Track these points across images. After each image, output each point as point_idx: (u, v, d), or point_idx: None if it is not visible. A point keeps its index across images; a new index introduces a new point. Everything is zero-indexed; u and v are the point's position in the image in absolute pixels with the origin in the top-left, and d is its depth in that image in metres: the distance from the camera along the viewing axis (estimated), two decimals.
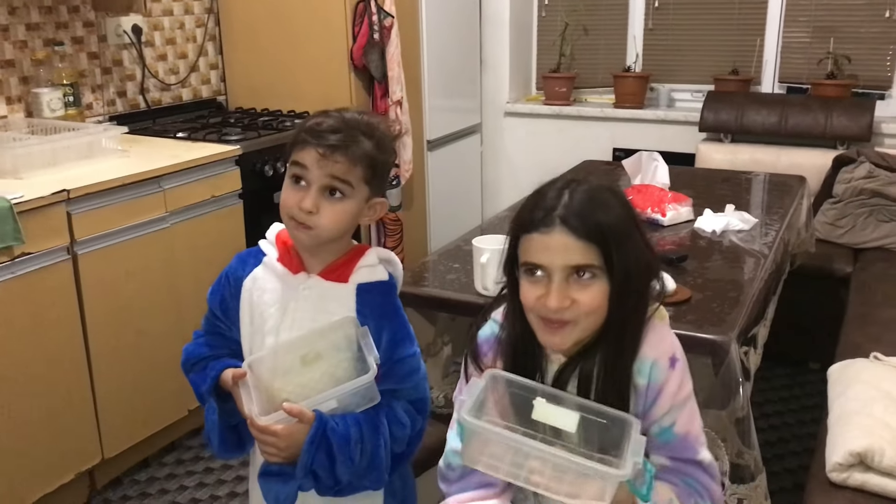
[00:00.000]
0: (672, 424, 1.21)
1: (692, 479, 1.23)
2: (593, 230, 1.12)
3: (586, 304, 1.14)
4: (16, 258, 2.14)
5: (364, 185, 1.33)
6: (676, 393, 1.20)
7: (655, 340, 1.21)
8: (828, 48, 3.68)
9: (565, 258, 1.13)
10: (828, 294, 3.03)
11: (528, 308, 1.18)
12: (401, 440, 1.37)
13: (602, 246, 1.12)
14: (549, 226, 1.13)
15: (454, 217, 4.03)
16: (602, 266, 1.13)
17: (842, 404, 1.89)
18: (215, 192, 2.73)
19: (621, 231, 1.14)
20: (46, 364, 2.26)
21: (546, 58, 4.35)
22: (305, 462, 1.29)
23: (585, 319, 1.15)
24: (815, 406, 2.90)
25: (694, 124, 3.79)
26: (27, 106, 2.84)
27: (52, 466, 2.31)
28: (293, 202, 1.31)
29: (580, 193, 1.16)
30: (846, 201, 3.26)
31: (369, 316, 1.35)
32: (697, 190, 2.70)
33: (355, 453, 1.31)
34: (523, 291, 1.17)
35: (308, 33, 3.33)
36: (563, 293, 1.13)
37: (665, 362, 1.20)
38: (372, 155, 1.32)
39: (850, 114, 3.48)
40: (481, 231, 2.38)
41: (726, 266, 2.11)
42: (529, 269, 1.16)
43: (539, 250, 1.14)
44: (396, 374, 1.36)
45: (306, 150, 1.30)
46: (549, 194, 1.17)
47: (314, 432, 1.28)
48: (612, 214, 1.15)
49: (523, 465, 1.09)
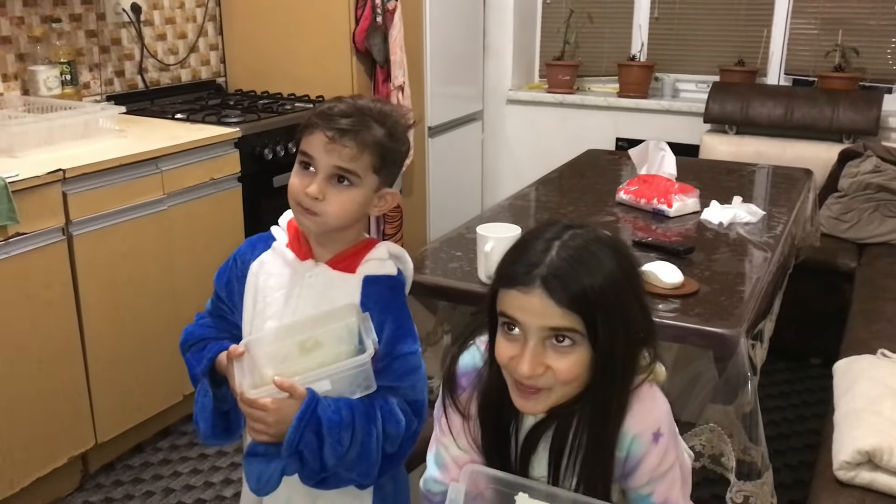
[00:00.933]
0: (650, 494, 1.16)
1: None
2: (576, 296, 1.02)
3: (562, 372, 1.04)
4: (10, 238, 2.10)
5: (372, 173, 1.30)
6: (656, 467, 1.13)
7: (641, 413, 1.12)
8: (835, 40, 3.65)
9: (543, 320, 1.03)
10: (832, 289, 3.00)
11: (502, 365, 1.09)
12: (394, 438, 1.31)
13: (585, 314, 1.02)
14: (528, 285, 1.03)
15: (454, 205, 3.99)
16: (584, 333, 1.03)
17: (848, 401, 1.86)
18: (214, 174, 2.68)
19: (610, 297, 1.03)
20: (40, 346, 2.22)
21: (550, 45, 4.31)
22: (292, 439, 1.24)
23: (561, 388, 1.07)
24: (816, 402, 2.87)
25: (698, 115, 3.75)
26: (23, 83, 2.79)
27: (45, 450, 2.28)
28: (300, 188, 1.29)
29: (569, 250, 1.04)
30: (851, 196, 3.23)
31: (373, 308, 1.32)
32: (703, 181, 2.66)
33: (345, 437, 1.26)
34: (498, 347, 1.08)
35: (310, 15, 3.28)
36: (538, 359, 1.04)
37: (647, 437, 1.12)
38: (382, 142, 1.29)
39: (856, 107, 3.44)
40: (482, 219, 2.34)
41: (734, 259, 2.07)
42: (506, 322, 1.07)
43: (516, 307, 1.05)
44: (395, 371, 1.32)
45: (315, 135, 1.28)
46: (536, 247, 1.06)
47: (304, 408, 1.24)
48: (602, 276, 1.03)
49: None
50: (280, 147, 2.91)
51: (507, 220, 2.31)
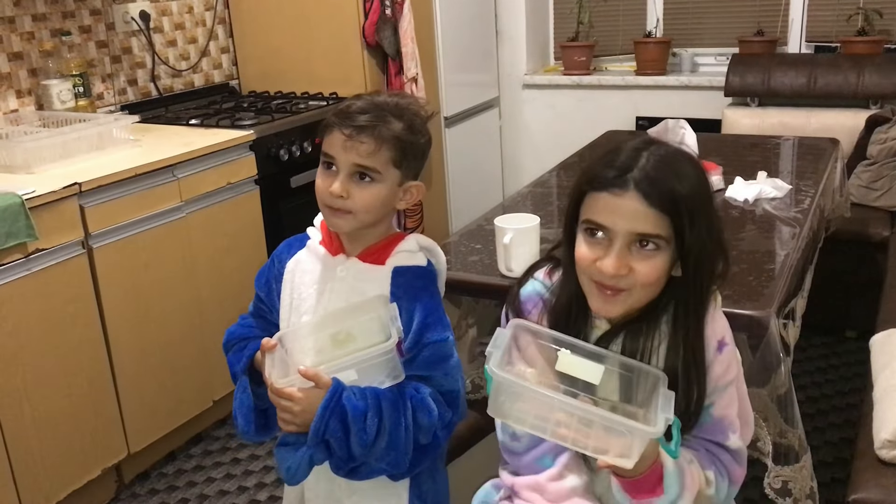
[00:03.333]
0: (711, 405, 1.17)
1: (715, 458, 1.20)
2: (668, 200, 1.06)
3: (644, 275, 1.08)
4: (30, 255, 2.10)
5: (393, 168, 1.31)
6: (721, 376, 1.17)
7: (708, 321, 1.16)
8: (857, 3, 3.55)
9: (632, 224, 1.07)
10: (864, 260, 2.93)
11: (581, 269, 1.12)
12: (426, 429, 1.31)
13: (674, 217, 1.06)
14: (622, 187, 1.07)
15: (475, 195, 3.95)
16: (669, 238, 1.07)
17: (887, 377, 1.81)
18: (231, 178, 2.67)
19: (696, 204, 1.08)
20: (67, 361, 2.23)
21: (563, 26, 4.24)
22: (317, 428, 1.25)
23: (640, 291, 1.10)
24: (854, 376, 2.81)
25: (719, 89, 3.67)
26: (37, 98, 2.80)
27: (78, 463, 2.29)
28: (324, 188, 1.32)
29: (658, 158, 1.09)
30: (881, 163, 3.14)
31: (402, 297, 1.33)
32: (726, 157, 2.60)
33: (371, 427, 1.26)
34: (579, 250, 1.11)
35: (319, 12, 3.26)
36: (623, 260, 1.07)
37: (713, 345, 1.16)
38: (400, 136, 1.31)
39: (882, 71, 3.35)
40: (503, 209, 2.31)
41: (761, 236, 2.02)
42: (590, 228, 1.10)
43: (605, 211, 1.08)
44: (425, 360, 1.32)
45: (333, 134, 1.31)
46: (625, 153, 1.10)
47: (329, 397, 1.25)
48: (689, 185, 1.08)
49: (549, 418, 1.05)
50: (296, 147, 2.89)
51: (528, 208, 2.27)
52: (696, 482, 1.14)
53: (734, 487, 1.22)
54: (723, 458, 1.20)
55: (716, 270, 1.14)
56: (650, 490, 1.09)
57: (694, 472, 1.14)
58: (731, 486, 1.21)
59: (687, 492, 1.11)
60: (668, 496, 1.09)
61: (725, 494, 1.21)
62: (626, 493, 1.12)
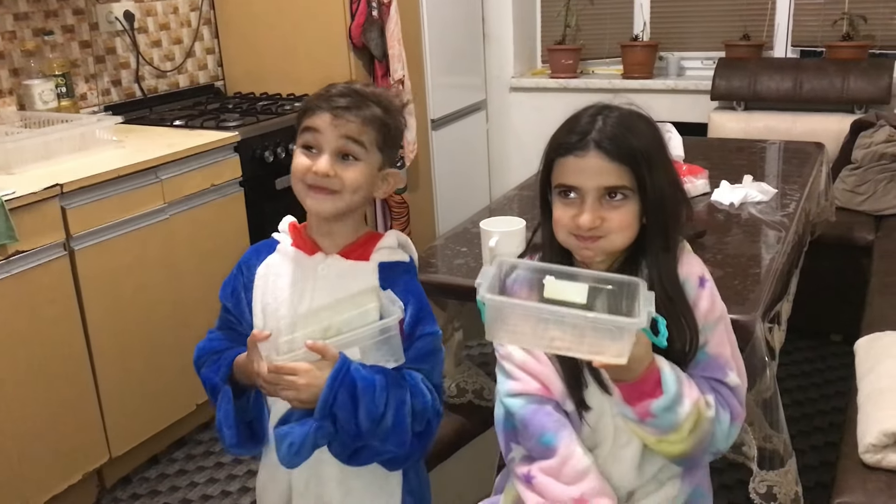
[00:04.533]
0: (704, 344, 1.24)
1: (716, 391, 1.25)
2: (626, 153, 1.18)
3: (617, 222, 1.19)
4: (10, 257, 2.08)
5: (377, 149, 1.32)
6: (708, 312, 1.24)
7: (685, 262, 1.26)
8: (842, 8, 3.56)
9: (599, 180, 1.18)
10: (849, 264, 2.94)
11: (561, 228, 1.22)
12: (421, 414, 1.30)
13: (634, 168, 1.18)
14: (583, 149, 1.19)
15: (462, 197, 3.94)
16: (633, 187, 1.19)
17: (872, 381, 1.81)
18: (215, 180, 2.65)
19: (652, 155, 1.19)
20: (47, 363, 2.21)
21: (550, 30, 4.24)
22: (326, 398, 1.22)
23: (616, 236, 1.20)
24: (839, 379, 2.82)
25: (705, 93, 3.68)
26: (19, 98, 2.77)
27: (59, 467, 2.26)
28: (305, 167, 1.30)
29: (613, 119, 1.20)
30: (866, 167, 3.15)
31: (393, 291, 1.32)
32: (712, 161, 2.60)
33: (381, 400, 1.25)
34: (557, 213, 1.22)
35: (305, 13, 3.24)
36: (596, 212, 1.18)
37: (694, 280, 1.25)
38: (382, 119, 1.32)
39: (867, 76, 3.37)
40: (489, 212, 2.30)
41: (746, 240, 2.02)
42: (563, 190, 1.22)
43: (573, 172, 1.20)
44: (418, 352, 1.33)
45: (318, 115, 1.30)
46: (583, 119, 1.22)
47: (338, 367, 1.23)
48: (644, 139, 1.20)
49: (544, 335, 1.12)
50: (281, 149, 2.87)
51: (515, 211, 2.27)
52: (696, 394, 1.20)
53: (736, 424, 1.26)
54: (723, 393, 1.25)
55: (680, 216, 1.25)
56: (650, 392, 1.16)
57: (693, 385, 1.20)
58: (732, 422, 1.25)
59: (686, 398, 1.18)
60: (667, 395, 1.16)
61: (728, 429, 1.24)
62: (628, 402, 1.18)
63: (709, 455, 1.27)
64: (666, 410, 1.16)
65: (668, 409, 1.16)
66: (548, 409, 1.28)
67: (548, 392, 1.29)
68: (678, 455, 1.23)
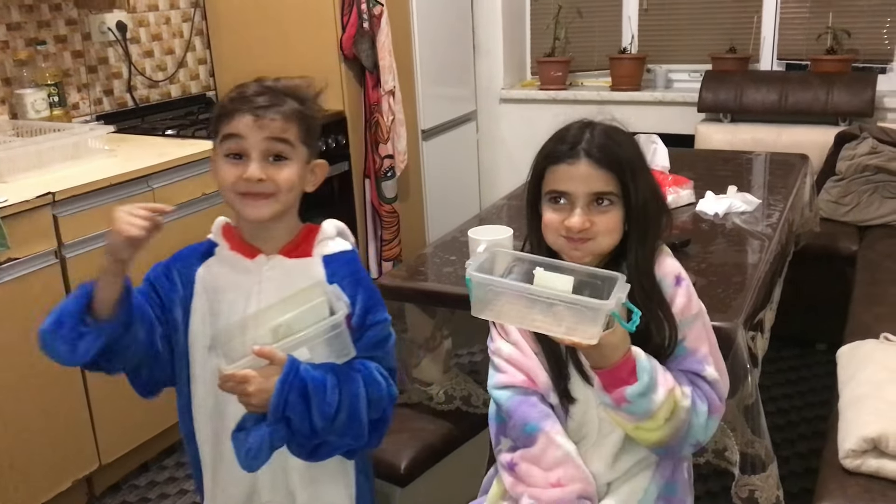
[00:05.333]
0: (683, 339, 1.31)
1: (694, 385, 1.32)
2: (613, 162, 1.27)
3: (603, 225, 1.28)
4: (1, 264, 2.09)
5: (302, 145, 1.31)
6: (685, 308, 1.32)
7: (661, 263, 1.34)
8: (826, 22, 3.62)
9: (588, 186, 1.28)
10: (833, 273, 2.97)
11: (551, 230, 1.31)
12: (377, 402, 1.31)
13: (620, 175, 1.28)
14: (574, 157, 1.28)
15: (452, 207, 3.97)
16: (619, 194, 1.28)
17: (853, 388, 1.84)
18: (206, 189, 2.67)
19: (636, 165, 1.30)
20: (38, 371, 2.21)
21: (540, 42, 4.29)
22: (277, 403, 1.22)
23: (602, 238, 1.29)
24: (823, 388, 2.85)
25: (692, 105, 3.72)
26: (11, 107, 2.79)
27: (49, 475, 2.27)
28: (235, 176, 1.27)
29: (600, 130, 1.31)
30: (850, 178, 3.20)
31: (340, 283, 1.31)
32: (698, 172, 2.64)
33: (333, 398, 1.25)
34: (547, 217, 1.31)
35: (297, 24, 3.27)
36: (585, 215, 1.28)
37: (671, 279, 1.33)
38: (301, 111, 1.31)
39: (851, 89, 3.42)
40: (479, 220, 2.33)
41: (730, 249, 2.05)
42: (554, 196, 1.31)
43: (565, 179, 1.29)
44: (370, 340, 1.33)
45: (237, 119, 1.27)
46: (572, 131, 1.32)
47: (286, 371, 1.22)
48: (628, 150, 1.30)
49: (526, 315, 1.21)
50: None
51: (504, 220, 2.29)
52: (671, 383, 1.26)
53: (714, 417, 1.32)
54: (701, 387, 1.32)
55: (660, 223, 1.34)
56: (625, 379, 1.24)
57: (668, 375, 1.27)
58: (711, 415, 1.32)
59: (660, 386, 1.25)
60: (642, 382, 1.23)
61: (706, 421, 1.31)
62: (605, 389, 1.25)
63: (689, 446, 1.33)
64: (640, 396, 1.23)
65: (642, 394, 1.23)
66: (532, 401, 1.36)
67: (533, 384, 1.36)
68: (655, 443, 1.29)
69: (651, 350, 1.27)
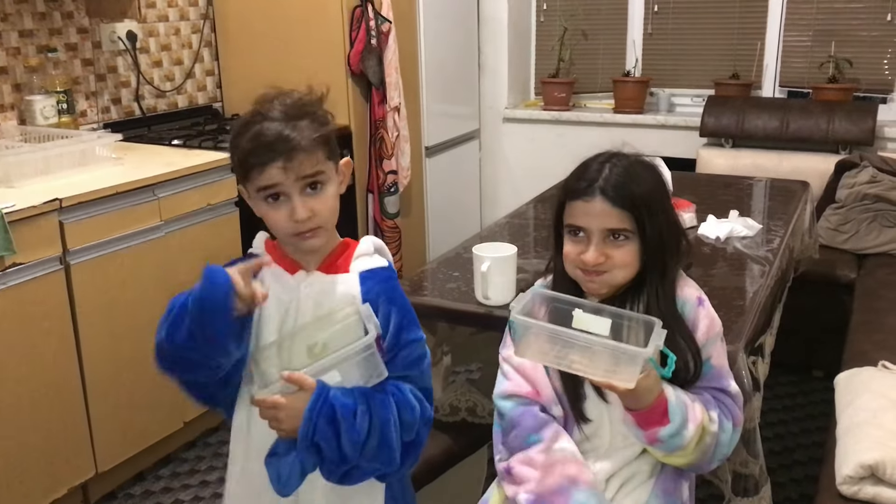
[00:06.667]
0: (709, 358, 1.38)
1: (720, 402, 1.39)
2: (627, 200, 1.31)
3: (619, 259, 1.33)
4: (6, 269, 2.10)
5: (328, 161, 1.32)
6: (710, 328, 1.38)
7: (683, 286, 1.40)
8: (829, 52, 3.66)
9: (603, 222, 1.32)
10: (831, 300, 2.99)
11: (569, 261, 1.37)
12: (410, 425, 1.31)
13: (635, 213, 1.31)
14: (590, 195, 1.33)
15: (453, 224, 3.99)
16: (634, 230, 1.32)
17: (850, 415, 1.85)
18: (211, 200, 2.69)
19: (652, 201, 1.33)
20: (38, 376, 2.22)
21: (545, 63, 4.32)
22: (306, 431, 1.23)
23: (619, 271, 1.34)
24: (820, 415, 2.86)
25: (694, 129, 3.75)
26: (20, 113, 2.80)
27: (45, 481, 2.27)
28: (285, 219, 1.29)
29: (618, 168, 1.34)
30: (849, 206, 3.22)
31: (375, 301, 1.32)
32: (700, 196, 2.66)
33: (362, 424, 1.25)
34: (566, 249, 1.37)
35: (305, 39, 3.30)
36: (600, 250, 1.32)
37: (693, 301, 1.38)
38: (318, 133, 1.30)
39: (852, 118, 3.45)
40: (480, 238, 2.34)
41: (731, 273, 2.07)
42: (572, 230, 1.36)
43: (581, 214, 1.34)
44: (404, 360, 1.33)
45: (267, 172, 1.27)
46: (592, 167, 1.36)
47: (315, 398, 1.23)
48: (645, 186, 1.34)
49: (565, 356, 1.25)
50: None
51: (505, 238, 2.31)
52: (699, 417, 1.32)
53: (737, 430, 1.40)
54: (726, 403, 1.39)
55: (679, 251, 1.39)
56: (658, 421, 1.29)
57: (697, 408, 1.33)
58: (735, 429, 1.39)
59: (690, 423, 1.31)
60: (674, 424, 1.29)
61: (731, 436, 1.38)
62: (639, 426, 1.31)
63: (716, 461, 1.40)
64: (672, 437, 1.30)
65: (673, 435, 1.30)
66: (534, 411, 1.40)
67: (537, 396, 1.41)
68: (684, 465, 1.38)
69: (677, 378, 1.32)
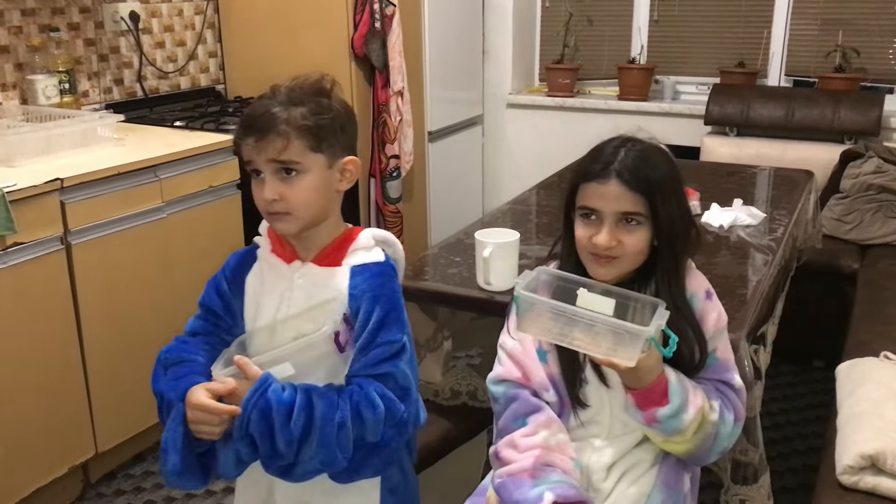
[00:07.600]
0: (714, 350, 1.38)
1: (723, 395, 1.38)
2: (642, 184, 1.30)
3: (631, 245, 1.32)
4: (8, 248, 2.10)
5: (312, 153, 1.29)
6: (717, 321, 1.38)
7: (692, 278, 1.40)
8: (836, 41, 3.63)
9: (617, 205, 1.31)
10: (833, 291, 2.98)
11: (580, 245, 1.35)
12: (371, 425, 1.27)
13: (649, 197, 1.30)
14: (605, 177, 1.31)
15: (455, 209, 3.98)
16: (647, 214, 1.31)
17: (851, 405, 1.85)
18: (213, 182, 2.68)
19: (666, 186, 1.32)
20: (39, 356, 2.22)
21: (549, 49, 4.30)
22: (241, 422, 1.22)
23: (629, 257, 1.33)
24: (819, 404, 2.86)
25: (699, 117, 3.73)
26: (22, 93, 2.79)
27: (45, 460, 2.27)
28: (258, 197, 1.32)
29: (634, 152, 1.32)
30: (853, 197, 3.21)
31: (360, 297, 1.31)
32: (704, 184, 2.65)
33: (297, 423, 1.22)
34: (578, 231, 1.35)
35: (308, 21, 3.28)
36: (612, 234, 1.31)
37: (702, 294, 1.39)
38: (306, 122, 1.28)
39: (858, 108, 3.43)
40: (482, 224, 2.34)
41: (734, 262, 2.06)
42: (585, 213, 1.34)
43: (595, 197, 1.32)
44: (375, 358, 1.30)
45: (244, 145, 1.30)
46: (607, 150, 1.34)
47: (253, 390, 1.23)
48: (660, 172, 1.32)
49: (568, 333, 1.25)
50: None
51: (507, 224, 2.30)
52: (700, 403, 1.32)
53: (739, 424, 1.39)
54: (729, 396, 1.39)
55: (689, 239, 1.38)
56: (657, 401, 1.29)
57: (698, 394, 1.33)
58: (736, 423, 1.38)
59: (690, 406, 1.30)
60: (673, 405, 1.29)
61: (731, 429, 1.37)
62: (638, 406, 1.30)
63: (715, 454, 1.39)
64: (671, 417, 1.29)
65: (672, 416, 1.29)
66: (524, 395, 1.40)
67: (527, 381, 1.41)
68: (683, 454, 1.37)
69: (682, 366, 1.32)
